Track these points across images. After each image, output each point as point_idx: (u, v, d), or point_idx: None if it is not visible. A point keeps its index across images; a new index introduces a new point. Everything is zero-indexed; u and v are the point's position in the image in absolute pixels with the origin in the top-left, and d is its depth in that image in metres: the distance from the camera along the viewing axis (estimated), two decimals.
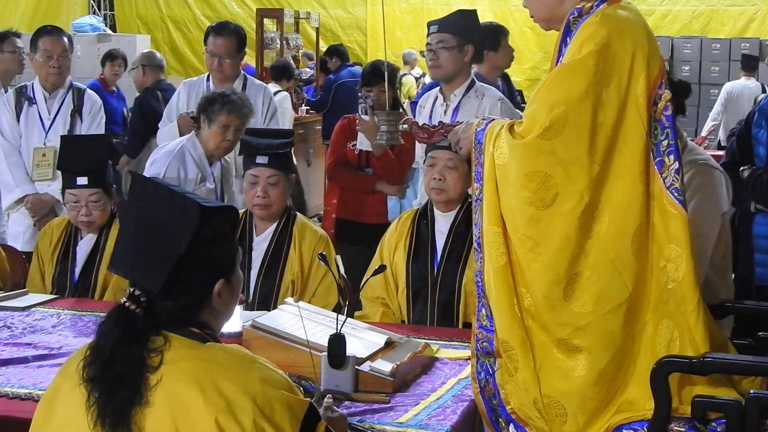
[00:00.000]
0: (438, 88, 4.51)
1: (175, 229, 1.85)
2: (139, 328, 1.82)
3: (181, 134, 4.76)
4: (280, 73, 9.40)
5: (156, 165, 4.28)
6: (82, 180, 3.78)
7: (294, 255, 3.63)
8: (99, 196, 3.80)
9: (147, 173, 4.26)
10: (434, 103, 4.45)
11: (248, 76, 5.12)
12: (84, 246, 3.87)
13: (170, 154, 4.26)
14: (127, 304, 1.84)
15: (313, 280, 3.63)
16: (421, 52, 4.48)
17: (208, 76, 4.98)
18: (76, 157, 3.85)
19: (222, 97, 4.21)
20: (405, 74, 12.53)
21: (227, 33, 4.86)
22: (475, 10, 4.57)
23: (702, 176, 3.12)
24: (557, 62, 2.52)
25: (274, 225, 3.69)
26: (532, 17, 2.67)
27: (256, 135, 3.85)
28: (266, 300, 3.58)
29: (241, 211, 3.79)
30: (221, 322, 2.00)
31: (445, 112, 4.34)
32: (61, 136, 4.33)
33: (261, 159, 3.64)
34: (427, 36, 4.34)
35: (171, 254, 1.83)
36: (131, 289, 1.85)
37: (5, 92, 5.25)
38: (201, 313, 1.92)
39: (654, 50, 2.46)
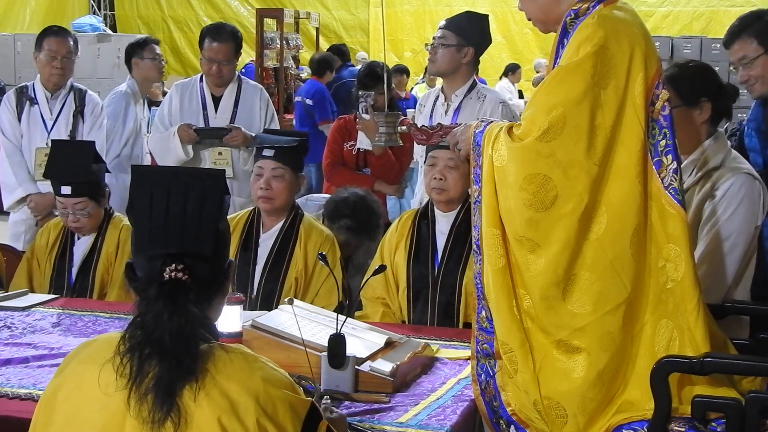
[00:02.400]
0: (440, 87, 4.52)
1: (210, 194, 1.93)
2: (192, 298, 1.85)
3: (183, 146, 4.75)
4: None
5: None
6: (66, 189, 3.79)
7: (299, 253, 3.64)
8: (84, 204, 3.80)
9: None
10: (435, 102, 4.46)
11: (243, 78, 5.10)
12: (81, 246, 3.88)
13: None
14: (177, 275, 1.85)
15: (316, 280, 3.64)
16: (426, 45, 4.50)
17: (201, 77, 4.96)
18: (61, 165, 3.85)
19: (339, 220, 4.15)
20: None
21: (225, 38, 4.82)
22: (486, 16, 4.55)
23: (746, 187, 3.11)
24: (554, 64, 2.52)
25: (281, 223, 3.70)
26: (529, 20, 2.67)
27: (270, 131, 3.94)
28: (269, 297, 3.59)
29: (248, 209, 3.83)
30: (217, 316, 2.01)
31: (446, 112, 4.34)
32: (52, 141, 4.33)
33: (267, 152, 3.67)
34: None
35: (215, 216, 1.93)
36: (172, 266, 1.85)
37: (143, 100, 5.48)
38: (218, 295, 1.95)
39: (651, 50, 2.46)
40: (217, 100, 4.89)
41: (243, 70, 11.58)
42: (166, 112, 4.96)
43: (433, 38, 4.37)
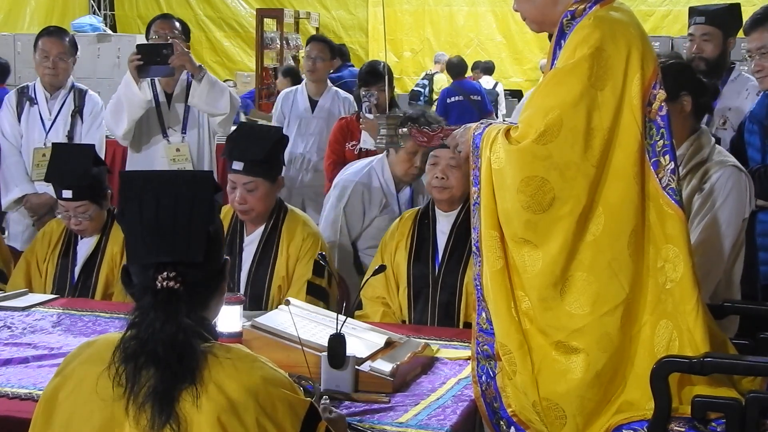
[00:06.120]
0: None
1: (199, 199, 1.92)
2: (185, 306, 1.85)
3: (135, 83, 4.60)
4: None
5: (340, 187, 4.24)
6: (67, 193, 3.77)
7: (281, 260, 3.57)
8: (86, 207, 3.79)
9: (333, 193, 4.25)
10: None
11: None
12: (84, 246, 3.88)
13: (357, 174, 4.19)
14: (170, 284, 1.85)
15: (296, 273, 3.58)
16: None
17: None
18: (61, 169, 3.83)
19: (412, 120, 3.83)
20: (436, 72, 13.58)
21: (169, 17, 5.00)
22: None
23: (733, 179, 3.13)
24: (552, 66, 2.52)
25: (263, 226, 3.63)
26: (524, 20, 2.66)
27: (240, 136, 3.61)
28: (257, 301, 3.54)
29: (230, 210, 3.66)
30: (215, 315, 2.01)
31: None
32: (53, 144, 4.31)
33: (236, 165, 3.50)
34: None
35: (205, 220, 1.92)
36: (164, 273, 1.86)
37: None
38: (214, 297, 1.96)
39: (648, 51, 2.45)
40: (169, 96, 4.83)
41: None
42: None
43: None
